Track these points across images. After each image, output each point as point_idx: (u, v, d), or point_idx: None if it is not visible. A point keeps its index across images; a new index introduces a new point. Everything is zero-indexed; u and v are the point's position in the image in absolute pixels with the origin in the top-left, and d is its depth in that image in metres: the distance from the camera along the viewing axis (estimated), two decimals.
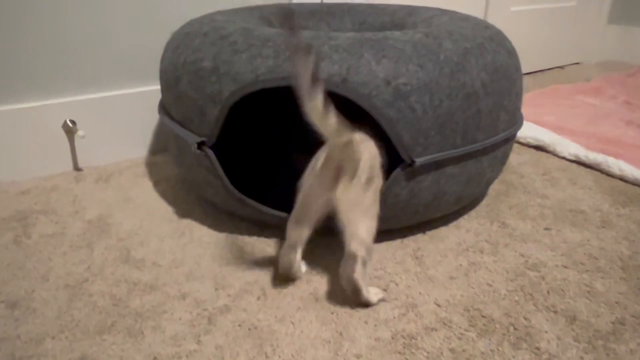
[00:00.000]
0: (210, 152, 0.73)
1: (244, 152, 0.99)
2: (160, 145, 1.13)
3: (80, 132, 1.00)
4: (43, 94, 0.99)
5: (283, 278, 0.69)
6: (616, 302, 0.65)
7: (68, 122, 1.01)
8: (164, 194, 0.93)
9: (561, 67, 2.02)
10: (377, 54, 0.66)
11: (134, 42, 1.05)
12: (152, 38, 1.06)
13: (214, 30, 0.74)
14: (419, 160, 0.67)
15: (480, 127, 0.71)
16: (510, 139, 0.82)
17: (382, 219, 0.64)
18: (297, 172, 0.64)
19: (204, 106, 0.72)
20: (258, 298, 0.65)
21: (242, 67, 0.68)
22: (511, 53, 0.78)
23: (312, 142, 0.60)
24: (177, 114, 0.78)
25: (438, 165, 0.70)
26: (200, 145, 0.73)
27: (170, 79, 0.78)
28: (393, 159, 0.67)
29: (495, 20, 1.67)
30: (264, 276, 0.70)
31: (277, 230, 0.79)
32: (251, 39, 0.70)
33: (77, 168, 1.05)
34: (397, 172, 0.68)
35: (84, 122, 1.02)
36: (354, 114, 0.60)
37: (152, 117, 1.10)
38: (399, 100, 0.65)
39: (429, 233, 0.80)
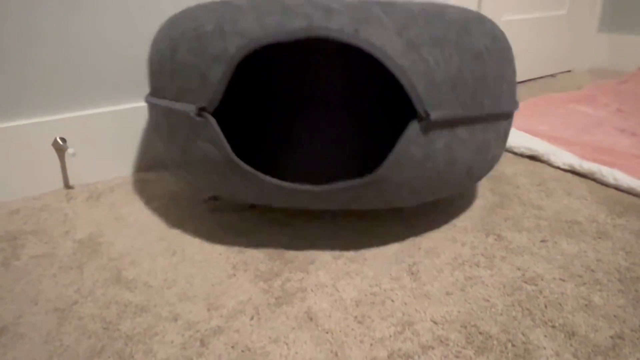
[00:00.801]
0: (211, 118, 0.70)
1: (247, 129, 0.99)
2: (152, 161, 1.12)
3: (70, 150, 0.99)
4: (32, 112, 0.98)
5: None
6: (615, 316, 0.64)
7: (58, 139, 1.00)
8: (156, 212, 0.92)
9: (553, 76, 2.03)
10: (386, 10, 0.67)
11: (125, 58, 1.04)
12: (143, 54, 1.05)
13: (215, 2, 0.73)
14: (433, 114, 0.67)
15: (486, 92, 0.73)
16: (510, 116, 0.83)
17: (396, 185, 0.64)
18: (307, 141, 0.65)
19: (205, 70, 0.68)
20: (251, 318, 0.64)
21: (249, 24, 0.66)
22: (502, 33, 0.81)
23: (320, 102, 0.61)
24: (171, 90, 0.75)
25: (450, 124, 0.70)
26: (200, 111, 0.69)
27: (164, 54, 0.75)
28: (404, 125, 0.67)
29: None
30: (257, 295, 0.69)
31: (275, 233, 0.78)
32: (255, 2, 0.69)
33: (67, 186, 1.03)
34: (413, 125, 0.67)
35: (75, 140, 1.01)
36: (365, 69, 0.61)
37: (143, 134, 1.09)
38: (411, 51, 0.66)
39: (425, 248, 0.79)
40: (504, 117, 0.80)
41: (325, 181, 0.70)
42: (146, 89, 1.07)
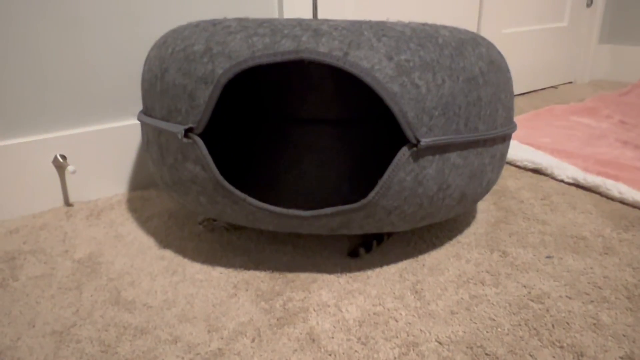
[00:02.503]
0: (198, 139, 0.69)
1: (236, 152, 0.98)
2: (152, 179, 1.12)
3: (70, 167, 0.99)
4: (33, 129, 0.97)
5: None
6: (624, 335, 0.62)
7: (58, 157, 0.99)
8: (155, 230, 0.91)
9: (554, 87, 2.03)
10: (377, 33, 0.66)
11: (125, 76, 1.04)
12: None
13: (206, 22, 0.73)
14: (424, 141, 0.66)
15: (481, 116, 0.71)
16: (506, 139, 0.82)
17: (386, 211, 0.62)
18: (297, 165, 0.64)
19: (193, 90, 0.68)
20: (253, 340, 0.63)
21: (237, 45, 0.66)
22: (500, 54, 0.80)
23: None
24: (161, 109, 0.74)
25: (442, 150, 0.69)
26: (187, 132, 0.69)
27: (154, 74, 0.74)
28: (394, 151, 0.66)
29: None
30: (258, 315, 0.67)
31: (272, 255, 0.77)
32: (246, 22, 0.68)
33: (67, 204, 1.03)
34: (403, 150, 0.66)
35: (75, 157, 1.01)
36: (355, 94, 0.60)
37: (143, 151, 1.09)
38: (402, 76, 0.64)
39: (428, 265, 0.78)
40: (500, 140, 0.79)
41: (317, 202, 0.69)
42: None
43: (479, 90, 0.70)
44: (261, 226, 0.73)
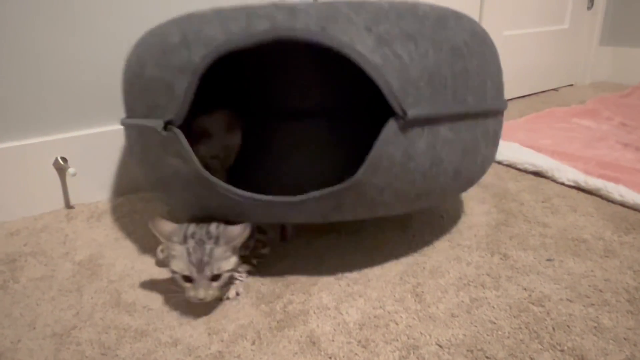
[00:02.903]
0: (178, 131, 0.67)
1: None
2: None
3: (71, 170, 0.99)
4: (33, 132, 0.97)
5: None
6: (625, 338, 0.62)
7: (59, 159, 0.99)
8: None
9: (555, 90, 2.03)
10: (354, 8, 0.64)
11: None
12: None
13: (181, 15, 0.71)
14: (411, 112, 0.63)
15: (469, 87, 0.70)
16: (498, 114, 0.80)
17: (377, 189, 0.61)
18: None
19: (171, 82, 0.67)
20: (253, 342, 0.63)
21: (212, 30, 0.64)
22: (484, 30, 0.78)
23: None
24: (141, 108, 0.73)
25: (432, 122, 0.67)
26: (167, 125, 0.67)
27: (134, 72, 0.73)
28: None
29: None
30: (258, 318, 0.67)
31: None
32: (220, 10, 0.66)
33: (68, 206, 1.03)
34: (390, 124, 0.64)
35: (76, 159, 1.01)
36: (338, 83, 0.58)
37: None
38: (383, 47, 0.63)
39: (429, 268, 0.78)
40: (492, 114, 0.77)
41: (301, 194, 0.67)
42: None
43: (464, 61, 0.69)
44: (250, 219, 0.71)
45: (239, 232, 0.68)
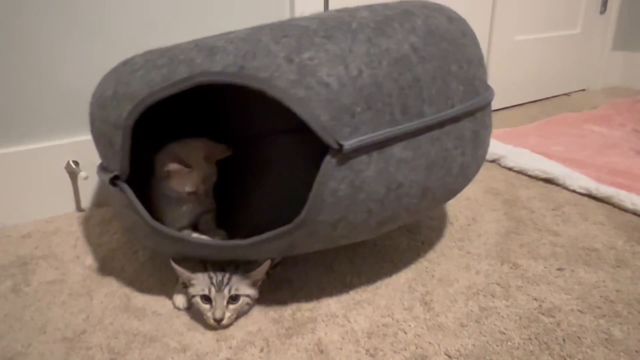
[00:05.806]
0: (124, 186, 0.67)
1: None
2: None
3: (83, 173, 0.99)
4: (45, 135, 0.98)
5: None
6: (636, 351, 0.62)
7: (71, 163, 1.00)
8: None
9: (567, 95, 2.01)
10: (276, 35, 0.60)
11: None
12: None
13: (119, 63, 0.71)
14: (348, 143, 0.58)
15: (424, 98, 0.63)
16: (474, 113, 0.71)
17: (329, 225, 0.59)
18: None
19: (111, 137, 0.66)
20: (261, 350, 0.63)
21: (137, 84, 0.63)
22: (453, 18, 0.71)
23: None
24: (100, 159, 0.74)
25: (379, 146, 0.61)
26: (113, 180, 0.68)
27: (91, 122, 0.74)
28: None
29: (499, 49, 1.67)
30: (267, 325, 0.67)
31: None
32: (149, 55, 0.65)
33: (80, 209, 1.04)
34: (326, 160, 0.59)
35: (87, 163, 1.02)
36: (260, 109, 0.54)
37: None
38: (306, 76, 0.57)
39: (438, 276, 0.78)
40: (465, 116, 0.69)
41: (284, 214, 0.64)
42: None
43: (413, 70, 0.62)
44: (209, 258, 0.70)
45: (259, 268, 0.69)
